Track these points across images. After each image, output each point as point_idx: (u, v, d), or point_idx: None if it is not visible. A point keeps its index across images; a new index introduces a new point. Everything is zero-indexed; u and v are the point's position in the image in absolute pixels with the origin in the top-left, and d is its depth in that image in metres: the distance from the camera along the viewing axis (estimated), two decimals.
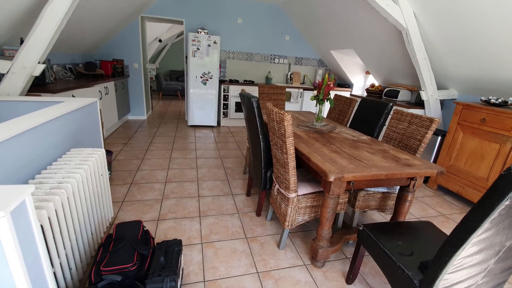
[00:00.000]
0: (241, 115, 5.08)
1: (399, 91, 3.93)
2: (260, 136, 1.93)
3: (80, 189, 1.40)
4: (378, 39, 3.66)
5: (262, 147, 1.96)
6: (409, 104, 3.63)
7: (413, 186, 1.61)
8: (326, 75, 2.26)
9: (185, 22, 4.85)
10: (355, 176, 1.38)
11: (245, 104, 2.06)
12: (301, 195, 1.69)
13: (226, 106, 5.05)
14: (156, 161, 3.17)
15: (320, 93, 2.18)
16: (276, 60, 5.53)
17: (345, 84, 5.62)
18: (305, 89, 5.28)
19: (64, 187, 1.25)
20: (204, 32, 4.53)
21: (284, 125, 1.49)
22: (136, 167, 2.95)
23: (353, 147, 1.84)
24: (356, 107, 2.74)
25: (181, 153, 3.49)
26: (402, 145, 2.01)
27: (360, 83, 5.56)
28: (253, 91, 5.00)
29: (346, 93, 5.54)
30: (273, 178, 1.95)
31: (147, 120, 5.18)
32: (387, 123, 2.44)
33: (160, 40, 7.50)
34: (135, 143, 3.77)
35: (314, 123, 2.31)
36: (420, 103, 3.54)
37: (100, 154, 1.71)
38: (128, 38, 4.69)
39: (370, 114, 2.47)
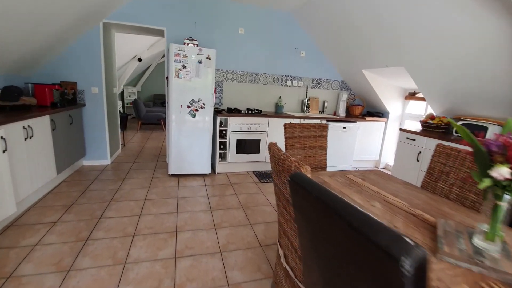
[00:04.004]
0: (244, 157, 3.64)
1: (486, 127, 2.62)
2: None
3: None
4: (461, 51, 2.38)
5: None
6: None
7: None
8: (509, 119, 0.87)
9: (167, 31, 3.52)
10: None
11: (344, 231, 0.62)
12: None
13: (223, 145, 3.62)
14: (95, 274, 1.63)
15: None
16: (289, 83, 4.23)
17: (377, 112, 4.34)
18: (329, 119, 3.94)
19: None
20: (193, 44, 3.20)
21: None
22: None
23: None
24: None
25: (148, 244, 1.96)
26: None
27: (397, 111, 4.29)
28: (262, 123, 3.61)
29: (380, 125, 4.24)
30: None
31: (112, 165, 3.66)
32: None
33: (139, 59, 6.17)
34: (73, 218, 2.23)
35: (485, 246, 0.87)
36: None
37: None
38: (84, 53, 3.29)
39: None
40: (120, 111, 6.59)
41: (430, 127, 3.17)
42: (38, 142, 2.42)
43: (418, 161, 3.03)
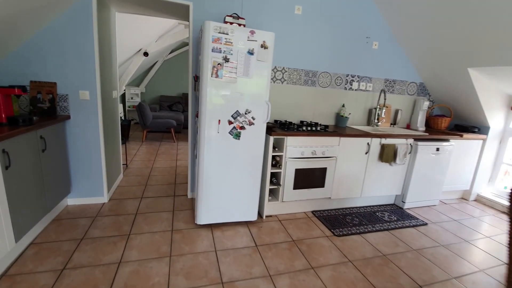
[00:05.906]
0: (303, 194, 2.49)
1: None
2: None
3: None
4: None
5: None
6: None
7: None
8: None
9: (194, 8, 2.37)
10: None
11: None
12: None
13: (275, 177, 2.47)
14: None
15: None
16: (355, 85, 3.08)
17: (472, 126, 3.19)
18: (417, 138, 2.80)
19: None
20: (239, 24, 2.05)
21: None
22: None
23: None
24: None
25: None
26: None
27: (499, 125, 3.15)
28: (331, 145, 2.45)
29: (477, 144, 3.10)
30: None
31: (110, 205, 2.51)
32: None
33: (146, 54, 5.01)
34: None
35: None
36: None
37: None
38: (68, 38, 2.13)
39: None
40: (121, 117, 5.44)
41: None
42: None
43: None
